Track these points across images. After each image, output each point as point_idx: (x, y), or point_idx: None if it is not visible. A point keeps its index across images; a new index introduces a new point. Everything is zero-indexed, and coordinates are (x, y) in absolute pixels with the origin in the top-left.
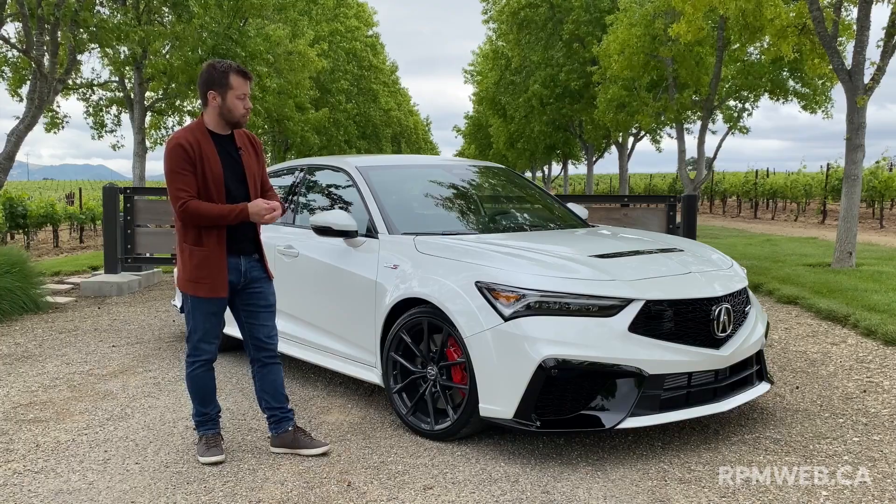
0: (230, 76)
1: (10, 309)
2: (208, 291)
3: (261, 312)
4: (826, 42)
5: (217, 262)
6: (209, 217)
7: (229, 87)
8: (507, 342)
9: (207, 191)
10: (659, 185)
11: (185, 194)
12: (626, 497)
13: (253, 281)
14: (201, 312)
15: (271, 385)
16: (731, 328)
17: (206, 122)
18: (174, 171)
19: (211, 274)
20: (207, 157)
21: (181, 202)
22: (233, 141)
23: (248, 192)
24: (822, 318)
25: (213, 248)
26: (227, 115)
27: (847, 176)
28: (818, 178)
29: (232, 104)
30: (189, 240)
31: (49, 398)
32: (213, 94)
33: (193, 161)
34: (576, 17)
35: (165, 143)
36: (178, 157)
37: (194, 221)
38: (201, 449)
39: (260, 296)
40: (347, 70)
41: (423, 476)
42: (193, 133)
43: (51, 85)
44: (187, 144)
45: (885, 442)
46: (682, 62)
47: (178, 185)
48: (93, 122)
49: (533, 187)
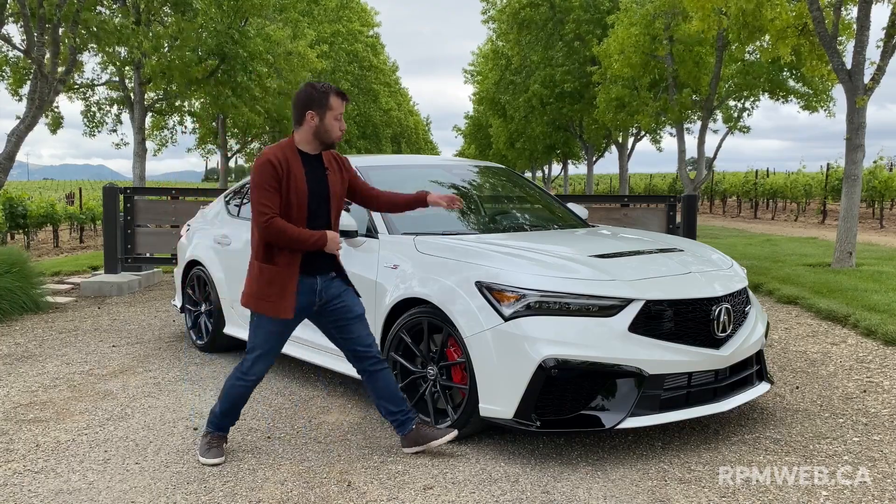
0: (330, 97)
1: (10, 309)
2: (270, 310)
3: (351, 324)
4: (826, 42)
5: (286, 283)
6: (289, 238)
7: (328, 108)
8: (507, 342)
9: (290, 209)
10: (659, 185)
11: (270, 211)
12: (626, 497)
13: (332, 298)
14: (264, 330)
15: (385, 390)
16: (731, 328)
17: (298, 142)
18: (261, 187)
19: (277, 294)
20: (295, 177)
21: (266, 218)
22: (321, 161)
23: (330, 213)
24: (822, 318)
25: (284, 268)
26: (324, 135)
27: (847, 176)
28: (818, 178)
29: (329, 124)
30: (260, 256)
31: (49, 398)
32: (311, 114)
33: (280, 179)
34: (576, 17)
35: (256, 158)
36: (267, 173)
37: (273, 239)
38: (203, 448)
39: (345, 309)
40: (348, 71)
41: (423, 476)
42: (284, 151)
43: (51, 85)
44: (276, 162)
45: (885, 442)
46: (681, 62)
47: (264, 201)
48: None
49: (533, 187)
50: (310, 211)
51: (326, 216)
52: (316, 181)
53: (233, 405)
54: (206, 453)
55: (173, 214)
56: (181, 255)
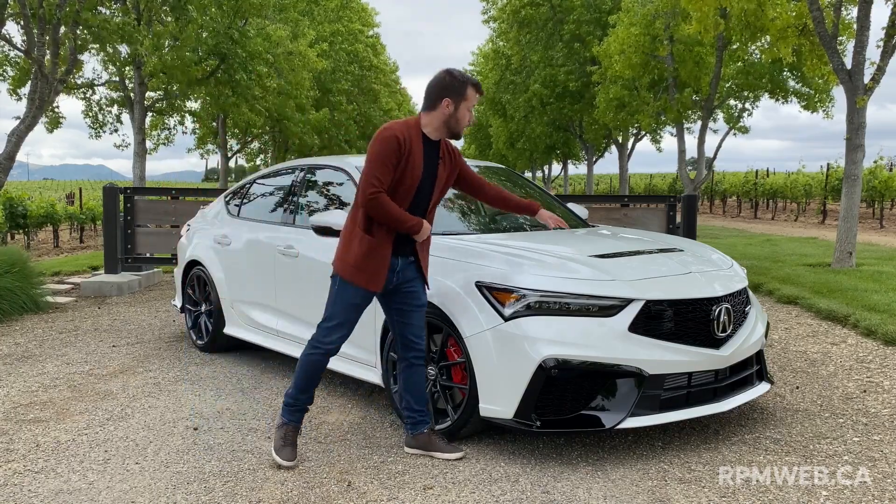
0: (468, 88)
1: (11, 309)
2: (365, 282)
3: (413, 311)
4: (826, 42)
5: (383, 256)
6: (388, 216)
7: (464, 98)
8: (507, 342)
9: (398, 189)
10: (659, 185)
11: (380, 185)
12: (626, 497)
13: (406, 281)
14: (345, 301)
15: (416, 386)
16: (732, 328)
17: (424, 125)
18: (379, 159)
19: (373, 266)
20: (414, 158)
21: (374, 190)
22: (438, 149)
23: (431, 200)
24: (822, 318)
25: (382, 242)
26: (454, 124)
27: (847, 176)
28: (818, 178)
29: (462, 114)
30: (362, 226)
31: (49, 398)
32: (448, 101)
33: (400, 156)
34: (577, 17)
35: (379, 129)
36: (391, 147)
37: (372, 213)
38: (278, 443)
39: (413, 295)
40: (348, 71)
41: (423, 476)
42: (409, 130)
43: (52, 85)
44: (402, 139)
45: (885, 442)
46: (681, 62)
47: (377, 174)
48: (91, 122)
49: (533, 187)
50: (415, 195)
51: (427, 203)
52: (429, 167)
53: (307, 380)
54: (281, 451)
55: (173, 214)
56: (181, 255)
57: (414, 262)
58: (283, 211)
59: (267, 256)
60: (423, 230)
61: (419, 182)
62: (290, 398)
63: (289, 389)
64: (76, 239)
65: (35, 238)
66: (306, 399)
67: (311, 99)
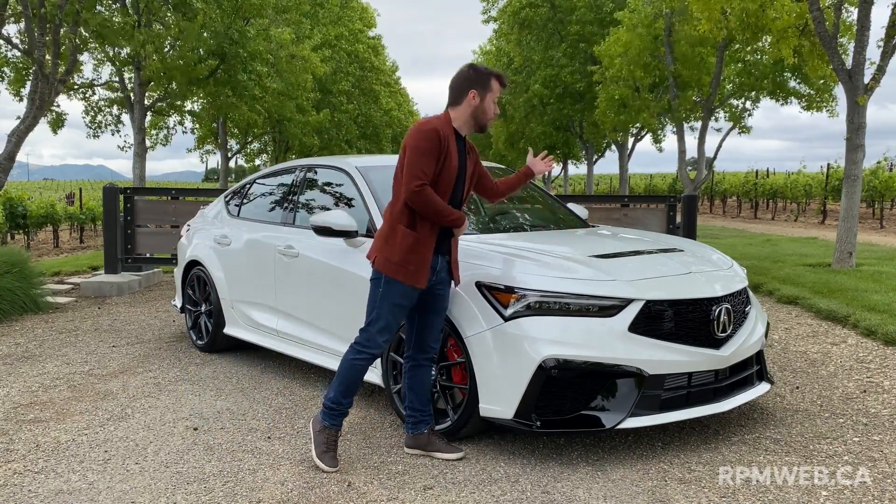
0: (492, 80)
1: (11, 309)
2: (410, 278)
3: (437, 314)
4: (826, 42)
5: (426, 251)
6: (433, 208)
7: (489, 90)
8: (507, 342)
9: (437, 183)
10: (659, 185)
11: (425, 177)
12: (626, 497)
13: (440, 282)
14: (390, 301)
15: (422, 386)
16: (732, 328)
17: (454, 120)
18: (423, 153)
19: (417, 261)
20: (451, 152)
21: (419, 183)
22: (465, 143)
23: (463, 194)
24: (823, 318)
25: (426, 237)
26: (481, 116)
27: (847, 176)
28: (818, 178)
29: (488, 106)
30: (404, 220)
31: (49, 398)
32: (474, 93)
33: (441, 151)
34: (580, 17)
35: (417, 123)
36: (434, 141)
37: (418, 206)
38: (319, 448)
39: (441, 298)
40: (349, 72)
41: (423, 476)
42: (446, 126)
43: (52, 85)
44: (443, 134)
45: (885, 442)
46: (682, 62)
47: (422, 167)
48: (90, 122)
49: (533, 187)
50: (454, 189)
51: (460, 198)
52: (462, 162)
53: (350, 384)
54: (323, 456)
55: (173, 214)
56: (181, 255)
57: (448, 261)
58: (283, 211)
59: (267, 256)
60: (464, 224)
61: (456, 175)
62: (332, 402)
63: (329, 393)
64: (76, 239)
65: (35, 238)
66: (349, 403)
67: (311, 100)
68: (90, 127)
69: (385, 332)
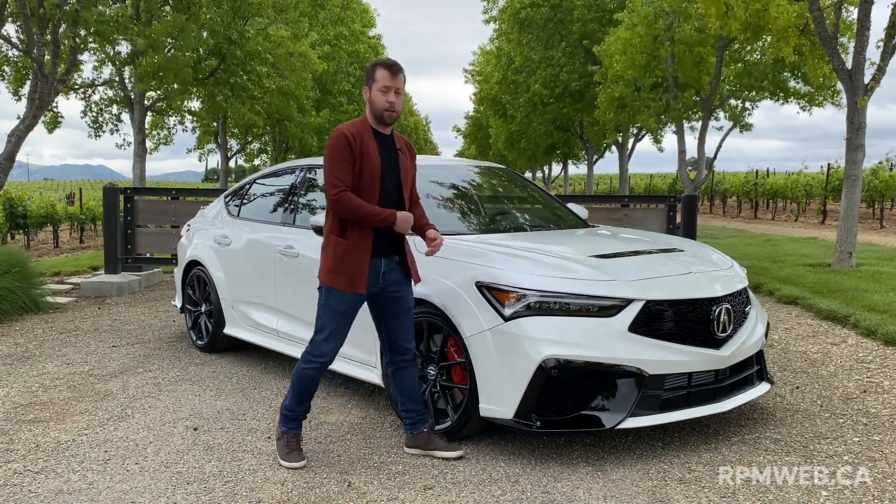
0: (376, 70)
1: (11, 309)
2: (346, 285)
3: (401, 316)
4: (826, 42)
5: (359, 258)
6: (358, 213)
7: (374, 80)
8: (507, 342)
9: (362, 184)
10: (659, 186)
11: (341, 183)
12: (626, 497)
13: (392, 284)
14: (332, 309)
15: (410, 388)
16: (732, 328)
17: (368, 119)
18: (334, 161)
19: (351, 268)
20: (368, 152)
21: (336, 191)
22: (393, 141)
23: (402, 192)
24: (823, 318)
25: (357, 243)
26: (372, 107)
27: (847, 176)
28: (818, 178)
29: (375, 97)
30: (335, 230)
31: (49, 398)
32: (365, 90)
33: (354, 153)
34: (580, 16)
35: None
36: (341, 146)
37: (343, 213)
38: (283, 451)
39: (400, 299)
40: (350, 73)
41: (423, 476)
42: (358, 127)
43: (51, 85)
44: (350, 136)
45: (885, 442)
46: (682, 62)
47: (336, 174)
48: (90, 122)
49: (533, 187)
50: (382, 187)
51: (398, 196)
52: (388, 159)
53: (303, 392)
54: (287, 457)
55: (173, 214)
56: (181, 255)
57: (399, 262)
58: (283, 211)
59: (267, 256)
60: (400, 220)
61: (380, 175)
62: (287, 409)
63: (285, 401)
64: (76, 239)
65: (35, 238)
66: (303, 410)
67: (311, 100)
68: (91, 127)
69: (331, 341)
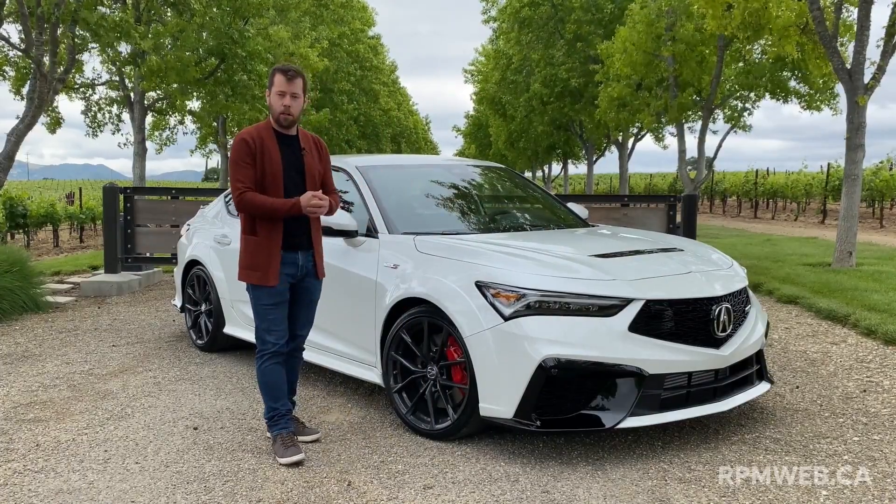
0: (275, 75)
1: (11, 309)
2: (259, 279)
3: (303, 306)
4: (826, 42)
5: (269, 252)
6: (263, 208)
7: (271, 85)
8: (507, 342)
9: (265, 184)
10: (659, 185)
11: (242, 185)
12: (626, 497)
13: (306, 275)
14: (258, 303)
15: (294, 374)
16: (731, 328)
17: (271, 122)
18: (235, 163)
19: (262, 263)
20: (268, 153)
21: (238, 192)
22: (297, 141)
23: (304, 189)
24: (822, 317)
25: (265, 239)
26: (270, 110)
27: (847, 176)
28: (818, 177)
29: (272, 100)
30: (245, 229)
31: (49, 398)
32: (266, 93)
33: (254, 155)
34: (577, 17)
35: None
36: (241, 150)
37: (249, 211)
38: (279, 450)
39: (308, 290)
40: (350, 72)
41: (423, 475)
42: (259, 130)
43: (51, 84)
44: (250, 139)
45: (885, 442)
46: (683, 62)
47: (238, 176)
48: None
49: (533, 187)
50: (286, 186)
51: (302, 192)
52: (291, 158)
53: (272, 389)
54: (285, 454)
55: (173, 214)
56: (181, 254)
57: (313, 254)
58: None
59: None
60: (304, 203)
61: (282, 172)
62: (268, 413)
63: (264, 410)
64: (76, 239)
65: (35, 238)
66: (283, 405)
67: (312, 99)
68: (90, 126)
69: (269, 332)
